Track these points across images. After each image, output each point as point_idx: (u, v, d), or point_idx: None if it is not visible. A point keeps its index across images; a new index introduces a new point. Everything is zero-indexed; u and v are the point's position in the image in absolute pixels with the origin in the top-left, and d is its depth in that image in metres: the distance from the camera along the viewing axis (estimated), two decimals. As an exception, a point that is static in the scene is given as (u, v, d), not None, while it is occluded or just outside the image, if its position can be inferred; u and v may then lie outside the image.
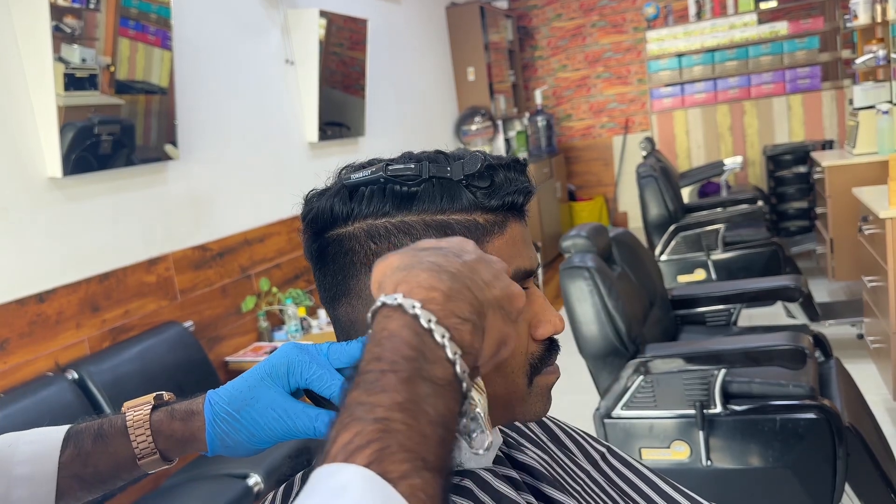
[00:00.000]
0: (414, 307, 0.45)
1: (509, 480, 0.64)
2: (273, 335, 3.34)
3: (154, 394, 0.69)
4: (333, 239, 0.62)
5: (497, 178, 0.62)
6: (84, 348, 2.50)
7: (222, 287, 3.17)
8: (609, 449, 0.82)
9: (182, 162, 3.00)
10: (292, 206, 0.68)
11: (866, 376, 2.99)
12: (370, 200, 0.61)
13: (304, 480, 0.65)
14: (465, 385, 0.45)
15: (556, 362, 0.67)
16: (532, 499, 0.65)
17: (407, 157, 0.63)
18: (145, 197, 2.84)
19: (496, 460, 0.66)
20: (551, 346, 0.65)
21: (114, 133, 2.59)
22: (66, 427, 0.69)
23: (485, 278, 0.50)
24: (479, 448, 0.53)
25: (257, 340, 3.33)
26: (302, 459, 2.36)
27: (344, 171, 0.64)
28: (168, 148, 2.87)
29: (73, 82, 2.40)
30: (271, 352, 3.26)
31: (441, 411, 0.43)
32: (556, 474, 0.69)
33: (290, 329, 3.29)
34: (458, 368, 0.45)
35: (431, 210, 0.60)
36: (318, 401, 0.62)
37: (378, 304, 0.47)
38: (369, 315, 0.47)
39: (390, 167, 0.61)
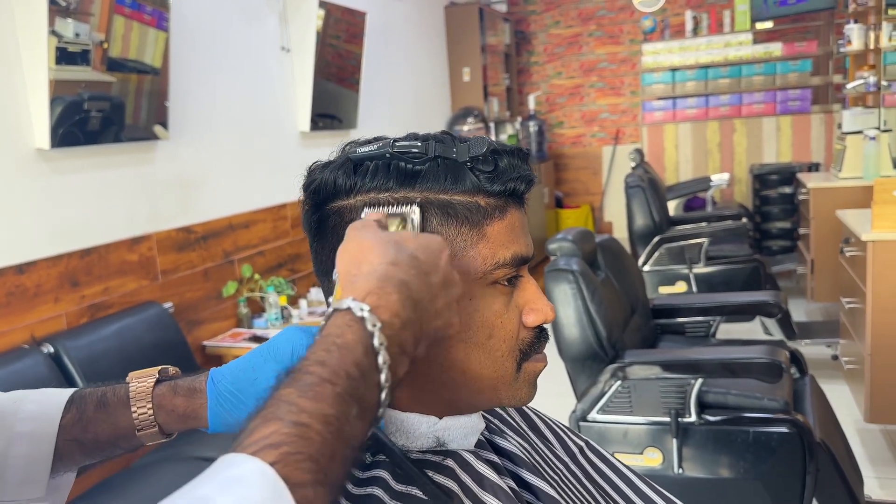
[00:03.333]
0: (374, 326, 0.46)
1: (491, 464, 0.65)
2: (253, 322, 3.32)
3: (159, 367, 0.69)
4: (334, 211, 0.63)
5: (501, 163, 0.62)
6: (61, 323, 2.47)
7: (204, 270, 3.15)
8: (587, 443, 0.83)
9: (171, 143, 2.98)
10: (279, 194, 0.68)
11: (839, 396, 3.02)
12: (374, 175, 0.61)
13: None
14: (381, 412, 0.46)
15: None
16: (513, 484, 0.65)
17: (413, 136, 0.63)
18: (132, 175, 2.81)
19: (478, 444, 0.67)
20: (541, 335, 0.66)
21: (103, 109, 2.57)
22: (71, 390, 0.69)
23: (437, 307, 0.52)
24: None
25: (236, 326, 3.31)
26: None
27: (349, 146, 0.65)
28: (157, 129, 2.85)
29: (65, 56, 2.38)
30: (250, 339, 3.19)
31: (357, 433, 0.44)
32: (535, 461, 0.70)
33: (270, 317, 3.28)
34: (383, 396, 0.46)
35: (435, 189, 0.61)
36: None
37: (343, 305, 0.47)
38: (330, 308, 0.48)
39: (397, 143, 0.61)
